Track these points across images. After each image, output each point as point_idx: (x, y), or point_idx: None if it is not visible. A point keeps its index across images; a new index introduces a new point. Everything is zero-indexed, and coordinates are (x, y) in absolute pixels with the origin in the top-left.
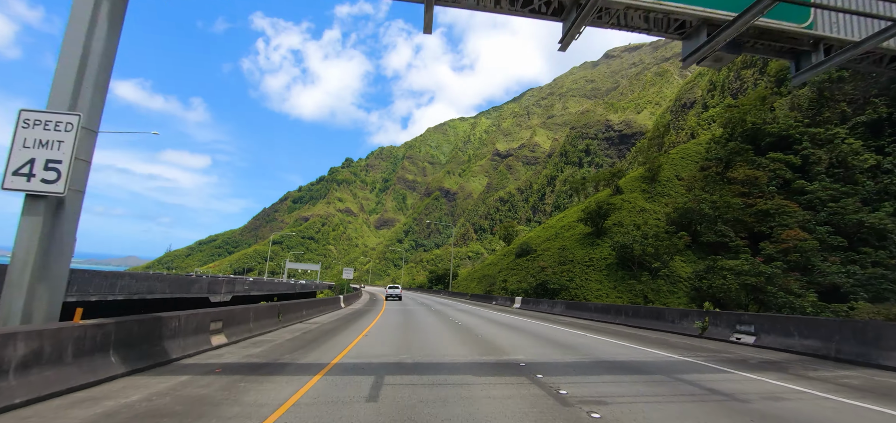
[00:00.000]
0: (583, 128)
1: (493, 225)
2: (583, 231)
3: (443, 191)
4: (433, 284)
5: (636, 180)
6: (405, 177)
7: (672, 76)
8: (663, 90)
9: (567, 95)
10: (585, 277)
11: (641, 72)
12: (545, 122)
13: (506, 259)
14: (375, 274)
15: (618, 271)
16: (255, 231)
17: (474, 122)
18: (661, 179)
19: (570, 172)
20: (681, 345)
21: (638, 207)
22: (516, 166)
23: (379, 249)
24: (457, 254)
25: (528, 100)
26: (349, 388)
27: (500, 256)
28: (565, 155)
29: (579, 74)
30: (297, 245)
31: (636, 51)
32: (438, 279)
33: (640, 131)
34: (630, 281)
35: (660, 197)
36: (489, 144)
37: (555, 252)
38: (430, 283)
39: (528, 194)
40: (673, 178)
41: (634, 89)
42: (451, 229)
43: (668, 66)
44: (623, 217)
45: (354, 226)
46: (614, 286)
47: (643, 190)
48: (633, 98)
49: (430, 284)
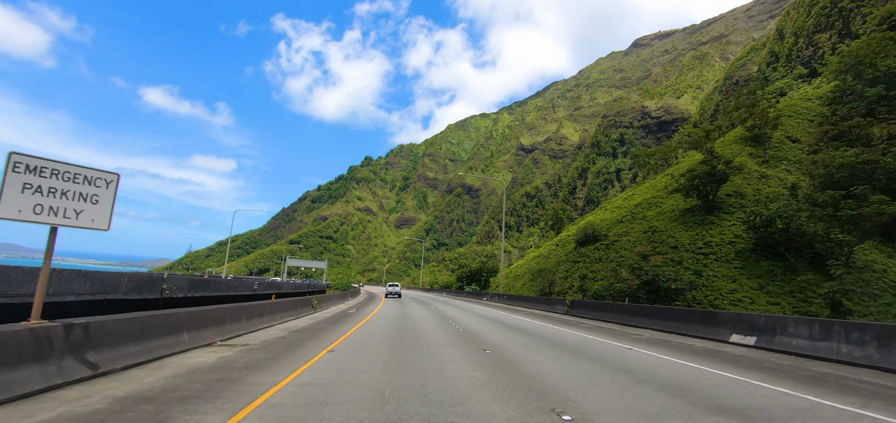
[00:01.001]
0: (616, 116)
1: (519, 222)
2: (681, 206)
3: (465, 187)
4: (465, 282)
5: (736, 144)
6: (426, 175)
7: (713, 59)
8: (704, 74)
9: (595, 85)
10: (703, 269)
11: (675, 58)
12: (572, 114)
13: (562, 249)
14: (395, 274)
15: (759, 261)
16: (274, 231)
17: (496, 118)
18: (773, 142)
19: (604, 163)
20: None
21: (755, 174)
22: (543, 160)
23: (399, 248)
24: (484, 252)
25: (551, 93)
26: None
27: (552, 246)
28: (597, 145)
29: (607, 64)
30: (315, 245)
31: (668, 37)
32: (472, 277)
33: (681, 117)
34: (786, 277)
35: (776, 162)
36: (512, 139)
37: (639, 236)
38: (460, 282)
39: (556, 188)
40: (784, 140)
41: (669, 75)
42: (474, 227)
43: (708, 49)
44: (740, 187)
45: (374, 225)
46: (761, 285)
47: (752, 154)
48: (669, 84)
49: (461, 283)
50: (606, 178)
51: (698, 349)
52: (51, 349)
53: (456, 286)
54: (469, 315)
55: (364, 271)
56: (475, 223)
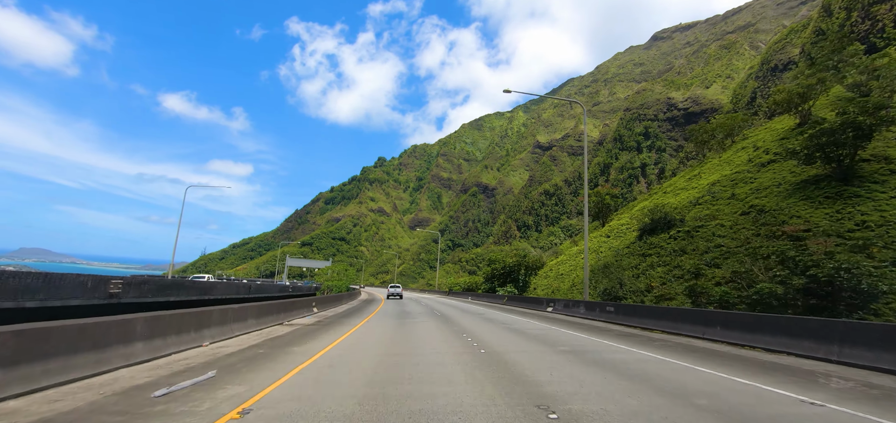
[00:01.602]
0: (639, 109)
1: (538, 221)
2: (796, 176)
3: (480, 186)
4: (497, 282)
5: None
6: (440, 175)
7: (742, 47)
8: (733, 62)
9: (614, 80)
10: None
11: (698, 50)
12: (591, 110)
13: (617, 241)
14: (410, 276)
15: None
16: (287, 233)
17: (511, 116)
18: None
19: (628, 158)
20: None
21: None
22: (561, 157)
23: (413, 249)
24: (515, 250)
25: (567, 90)
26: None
27: (601, 238)
28: (620, 140)
29: (626, 58)
30: (328, 247)
31: (690, 29)
32: (506, 276)
33: (711, 107)
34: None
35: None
36: (528, 137)
37: (737, 220)
38: (489, 282)
39: (577, 186)
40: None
41: (693, 67)
42: (490, 227)
43: (736, 37)
44: (881, 149)
45: (387, 226)
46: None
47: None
48: (695, 74)
49: (491, 283)
50: (631, 173)
51: None
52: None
53: (484, 288)
54: (605, 375)
55: (377, 273)
56: (491, 223)
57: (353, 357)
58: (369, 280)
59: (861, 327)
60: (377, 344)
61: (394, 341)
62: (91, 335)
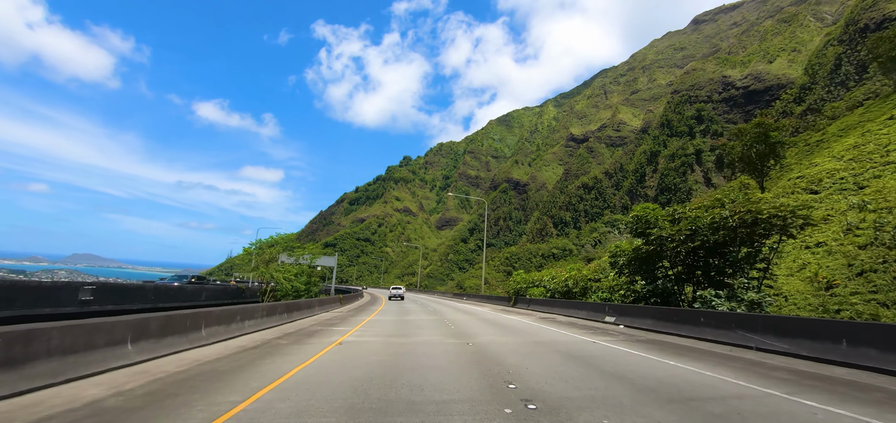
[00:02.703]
0: (689, 90)
1: (577, 217)
2: None
3: (511, 182)
4: (680, 272)
5: None
6: (467, 173)
7: (805, 19)
8: (797, 34)
9: (652, 66)
10: None
11: (748, 29)
12: (628, 98)
13: None
14: (437, 279)
15: None
16: (312, 235)
17: (540, 110)
18: None
19: (680, 145)
20: None
21: None
22: (599, 149)
23: (440, 250)
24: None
25: (601, 82)
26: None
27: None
28: (668, 125)
29: (664, 44)
30: (352, 247)
31: (736, 9)
32: (715, 252)
33: (778, 83)
34: None
35: None
36: (561, 130)
37: None
38: (565, 295)
39: (619, 178)
40: None
41: (745, 45)
42: (523, 225)
43: (796, 8)
44: None
45: (414, 226)
46: None
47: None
48: (751, 51)
49: (650, 275)
50: (684, 161)
51: None
52: None
53: (625, 288)
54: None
55: (403, 275)
56: (524, 221)
57: None
58: (395, 282)
59: None
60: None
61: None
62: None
